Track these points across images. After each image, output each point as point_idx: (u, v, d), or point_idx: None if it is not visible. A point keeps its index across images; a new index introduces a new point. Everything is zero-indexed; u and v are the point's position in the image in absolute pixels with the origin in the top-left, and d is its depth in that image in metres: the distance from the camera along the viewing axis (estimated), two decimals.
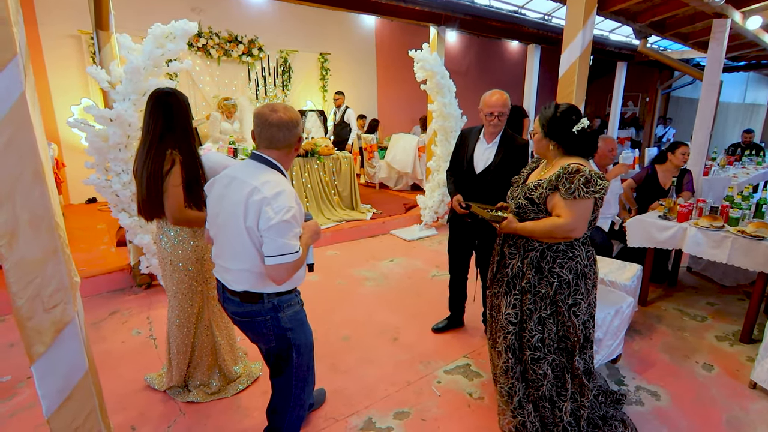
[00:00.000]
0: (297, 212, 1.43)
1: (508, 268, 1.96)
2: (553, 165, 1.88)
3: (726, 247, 2.86)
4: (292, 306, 1.62)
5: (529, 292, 1.88)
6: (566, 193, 1.73)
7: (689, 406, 2.30)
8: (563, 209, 1.75)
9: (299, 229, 1.46)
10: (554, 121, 1.82)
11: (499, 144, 2.49)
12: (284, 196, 1.41)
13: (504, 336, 1.95)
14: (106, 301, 3.43)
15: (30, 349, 1.30)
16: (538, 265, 1.87)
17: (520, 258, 1.92)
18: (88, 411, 1.43)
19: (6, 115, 1.13)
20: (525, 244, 1.91)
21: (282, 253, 1.39)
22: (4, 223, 1.21)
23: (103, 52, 3.24)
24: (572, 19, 2.79)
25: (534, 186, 1.86)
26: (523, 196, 1.89)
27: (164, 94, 1.99)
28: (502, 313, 1.95)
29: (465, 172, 2.57)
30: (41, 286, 1.27)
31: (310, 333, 1.74)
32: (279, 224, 1.38)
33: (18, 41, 1.14)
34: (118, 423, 2.09)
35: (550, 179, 1.79)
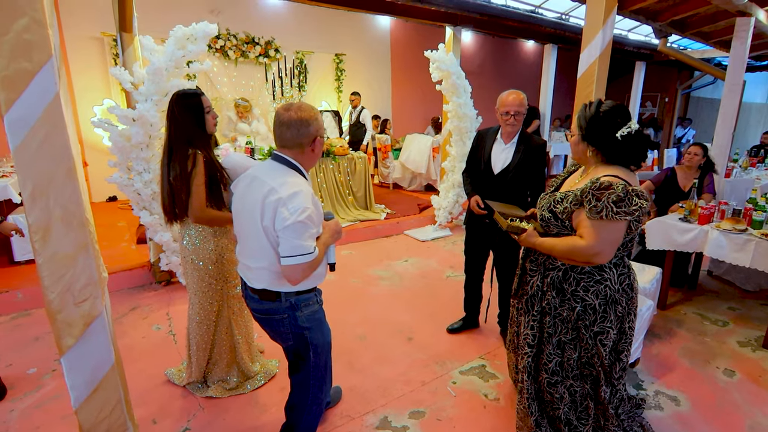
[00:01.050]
0: (313, 213, 1.43)
1: (528, 285, 1.82)
2: (588, 173, 1.67)
3: (749, 250, 2.80)
4: (310, 305, 1.62)
5: (549, 314, 1.72)
6: (592, 212, 1.49)
7: (710, 412, 2.25)
8: (587, 229, 1.52)
9: (316, 230, 1.46)
10: (595, 122, 1.58)
11: (517, 144, 2.48)
12: (300, 197, 1.41)
13: (521, 356, 1.85)
14: (127, 298, 3.51)
15: (60, 341, 1.34)
16: (560, 286, 1.69)
17: (540, 276, 1.75)
18: (114, 403, 1.47)
19: (41, 115, 1.17)
20: (546, 261, 1.73)
21: (297, 254, 1.40)
22: (38, 219, 1.25)
23: (126, 53, 3.32)
24: (592, 18, 2.77)
25: (561, 198, 1.64)
26: (547, 208, 1.69)
27: (185, 95, 2.03)
28: (521, 332, 1.86)
29: (483, 173, 2.57)
30: (72, 281, 1.32)
31: (328, 333, 1.74)
32: (294, 225, 1.38)
33: (53, 43, 1.18)
34: (140, 416, 2.14)
35: (575, 193, 1.57)
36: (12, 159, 1.34)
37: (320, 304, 1.70)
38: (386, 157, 7.37)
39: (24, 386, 2.38)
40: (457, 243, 4.99)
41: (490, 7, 4.89)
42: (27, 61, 1.14)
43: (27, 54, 1.14)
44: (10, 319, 3.13)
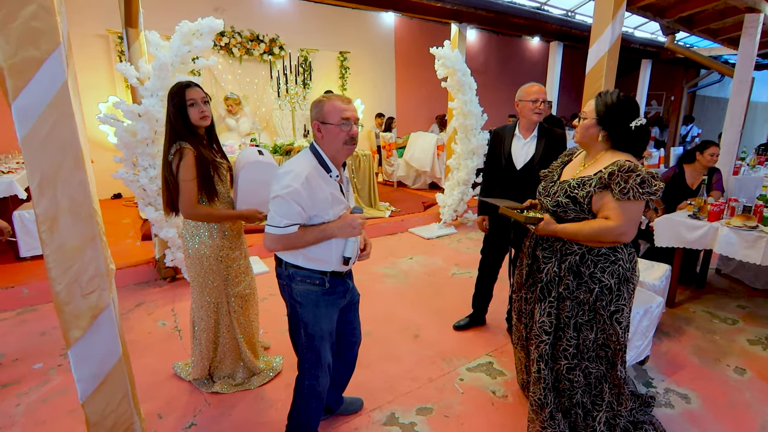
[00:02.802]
0: (299, 193, 1.47)
1: (543, 273, 1.83)
2: (596, 159, 1.74)
3: (760, 247, 2.76)
4: (306, 283, 1.65)
5: (568, 298, 1.76)
6: (620, 193, 1.57)
7: (721, 410, 2.22)
8: (614, 211, 1.60)
9: (298, 208, 1.49)
10: (614, 109, 1.66)
11: (538, 137, 2.46)
12: (289, 175, 1.48)
13: (537, 345, 1.83)
14: (132, 294, 3.51)
15: (67, 333, 1.33)
16: (578, 269, 1.74)
17: (557, 262, 1.79)
18: (121, 396, 1.46)
19: (49, 103, 1.16)
20: (562, 247, 1.78)
21: (269, 224, 1.52)
22: (46, 209, 1.24)
23: (132, 49, 3.32)
24: (601, 12, 2.73)
25: (578, 183, 1.71)
26: (564, 194, 1.74)
27: (171, 88, 2.00)
28: (536, 320, 1.84)
29: (504, 170, 2.53)
30: (79, 272, 1.30)
31: (324, 319, 1.71)
32: (275, 198, 1.49)
33: (61, 30, 1.17)
34: (146, 411, 2.12)
35: (600, 177, 1.63)
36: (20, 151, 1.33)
37: (321, 287, 1.67)
38: (390, 155, 7.35)
39: (30, 381, 2.37)
40: (462, 241, 4.97)
41: (496, 3, 4.86)
42: (35, 48, 1.12)
43: (35, 41, 1.13)
44: (16, 314, 3.13)
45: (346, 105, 1.57)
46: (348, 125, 1.56)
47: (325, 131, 1.56)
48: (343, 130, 1.55)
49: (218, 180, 2.09)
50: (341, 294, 1.74)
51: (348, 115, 1.55)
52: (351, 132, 1.57)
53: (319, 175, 1.55)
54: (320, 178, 1.55)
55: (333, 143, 1.57)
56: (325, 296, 1.69)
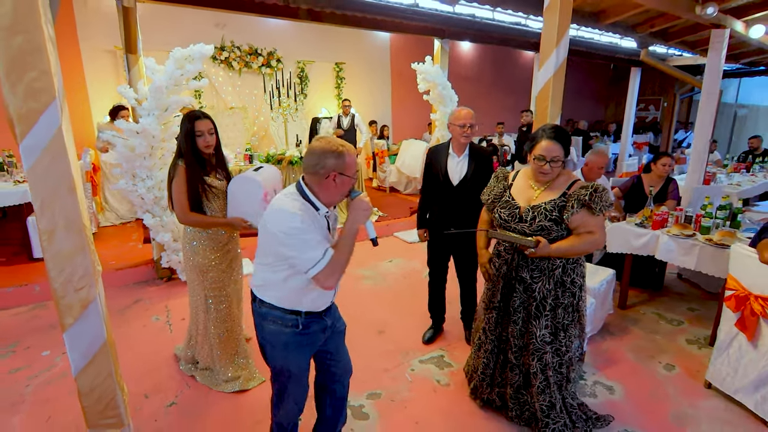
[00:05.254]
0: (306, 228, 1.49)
1: (535, 292, 2.03)
2: (551, 182, 2.02)
3: (694, 254, 3.02)
4: (276, 323, 1.63)
5: (559, 307, 2.03)
6: (598, 210, 1.89)
7: (640, 401, 2.49)
8: (596, 226, 1.92)
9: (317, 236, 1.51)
10: (569, 140, 1.99)
11: (470, 156, 2.73)
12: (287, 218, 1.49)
13: (539, 357, 2.05)
14: (132, 291, 3.89)
15: (62, 320, 1.68)
16: (562, 280, 2.02)
17: (547, 279, 2.02)
18: (106, 373, 1.80)
19: (47, 144, 1.51)
20: (548, 264, 2.01)
21: (310, 268, 1.50)
22: (46, 225, 1.59)
23: (132, 72, 3.70)
24: (546, 39, 3.01)
25: (552, 207, 1.95)
26: (545, 218, 1.95)
27: (187, 116, 2.33)
28: (536, 336, 2.04)
29: (442, 186, 2.76)
30: (72, 273, 1.65)
31: (291, 362, 1.69)
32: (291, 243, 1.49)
33: (56, 86, 1.52)
34: (135, 391, 2.48)
35: (579, 198, 1.90)
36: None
37: (298, 330, 1.65)
38: (383, 161, 7.68)
39: (39, 366, 2.75)
40: None
41: (475, 22, 5.15)
42: (36, 102, 1.47)
43: (36, 97, 1.47)
44: (29, 309, 3.53)
45: (356, 157, 1.62)
46: (356, 176, 1.63)
47: (341, 181, 1.55)
48: (352, 181, 1.59)
49: (206, 201, 2.37)
50: (317, 332, 1.71)
51: (357, 168, 1.64)
52: (353, 181, 1.61)
53: (308, 212, 1.55)
54: (309, 215, 1.55)
55: (341, 192, 1.59)
56: (297, 337, 1.66)
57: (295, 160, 5.28)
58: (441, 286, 3.03)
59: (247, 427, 2.25)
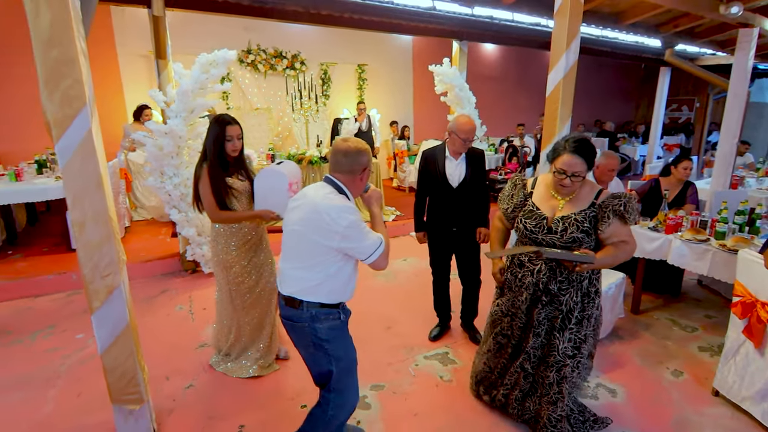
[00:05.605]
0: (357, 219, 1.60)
1: (562, 305, 1.99)
2: (578, 193, 1.98)
3: (707, 259, 2.96)
4: (330, 319, 1.70)
5: (584, 318, 2.01)
6: (632, 219, 1.89)
7: (643, 405, 2.48)
8: (628, 234, 1.92)
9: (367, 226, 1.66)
10: (593, 153, 1.90)
11: (466, 158, 2.77)
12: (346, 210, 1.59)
13: (559, 369, 2.02)
14: (159, 282, 4.15)
15: (91, 304, 1.87)
16: (587, 291, 2.00)
17: (575, 291, 1.98)
18: (128, 353, 1.99)
19: (78, 145, 1.69)
20: (577, 276, 1.97)
21: (372, 252, 1.63)
22: (77, 217, 1.78)
23: (161, 76, 3.95)
24: (557, 42, 3.03)
25: (583, 218, 1.92)
26: (577, 230, 1.90)
27: (216, 120, 2.42)
28: (558, 349, 2.00)
29: (441, 189, 2.79)
30: (99, 260, 1.84)
31: (352, 349, 1.81)
32: (353, 231, 1.59)
33: (87, 94, 1.70)
34: (157, 374, 2.68)
35: (614, 209, 1.88)
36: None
37: (343, 320, 1.76)
38: (402, 162, 7.77)
39: (73, 347, 3.00)
40: None
41: (493, 23, 5.16)
42: (69, 108, 1.66)
43: (70, 103, 1.66)
44: (66, 295, 3.83)
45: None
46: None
47: (366, 176, 1.76)
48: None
49: (232, 199, 2.49)
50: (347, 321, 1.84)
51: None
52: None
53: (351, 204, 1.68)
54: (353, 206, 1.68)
55: (363, 186, 1.77)
56: (344, 325, 1.79)
57: (315, 159, 5.45)
58: (445, 285, 3.10)
59: (257, 408, 2.41)
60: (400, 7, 4.48)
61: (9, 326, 3.28)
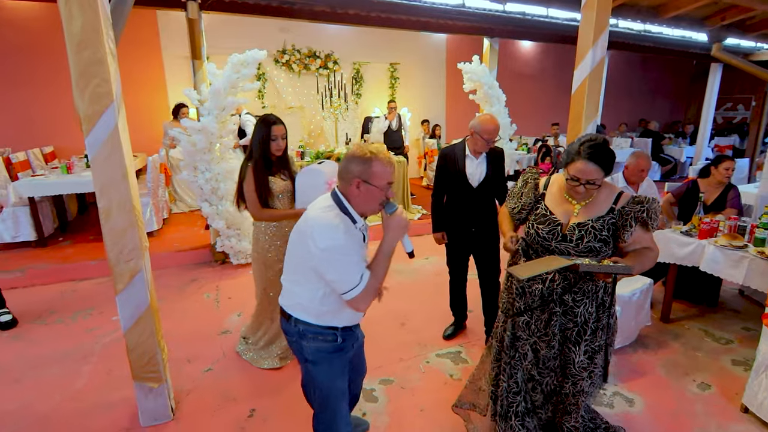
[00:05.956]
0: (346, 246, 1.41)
1: (576, 317, 1.86)
2: (595, 197, 1.81)
3: (743, 267, 2.78)
4: (318, 340, 1.56)
5: (599, 329, 1.87)
6: (654, 225, 1.74)
7: (661, 417, 2.37)
8: (651, 241, 1.78)
9: (356, 257, 1.45)
10: (609, 156, 1.70)
11: (486, 157, 2.73)
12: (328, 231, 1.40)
13: (575, 382, 1.92)
14: (190, 271, 4.38)
15: (116, 286, 2.02)
16: (602, 301, 1.87)
17: (590, 301, 1.85)
18: (149, 333, 2.13)
19: (106, 138, 1.83)
20: (593, 286, 1.84)
21: (347, 290, 1.43)
22: (104, 205, 1.93)
23: (197, 76, 4.16)
24: (583, 37, 2.93)
25: (602, 226, 1.77)
26: (594, 239, 1.77)
27: (262, 120, 2.46)
28: (574, 362, 1.89)
29: (460, 188, 2.75)
30: (123, 246, 1.98)
31: (338, 377, 1.62)
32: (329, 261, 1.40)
33: (114, 92, 1.84)
34: (179, 357, 2.84)
35: (636, 216, 1.73)
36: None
37: (338, 344, 1.58)
38: (432, 161, 7.73)
39: (108, 328, 3.24)
40: None
41: (525, 19, 5.04)
42: (98, 104, 1.80)
43: (98, 100, 1.80)
44: (107, 279, 4.12)
45: (391, 168, 1.49)
46: (389, 188, 1.49)
47: (365, 190, 1.46)
48: (384, 193, 1.47)
49: (275, 198, 2.55)
50: (350, 346, 1.66)
51: (392, 179, 1.49)
52: (389, 194, 1.50)
53: (346, 227, 1.46)
54: (347, 230, 1.46)
55: (369, 203, 1.49)
56: (338, 352, 1.59)
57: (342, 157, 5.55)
58: (462, 285, 3.08)
59: (269, 394, 2.51)
60: (428, 5, 4.48)
61: (54, 306, 3.58)
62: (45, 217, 4.71)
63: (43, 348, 2.99)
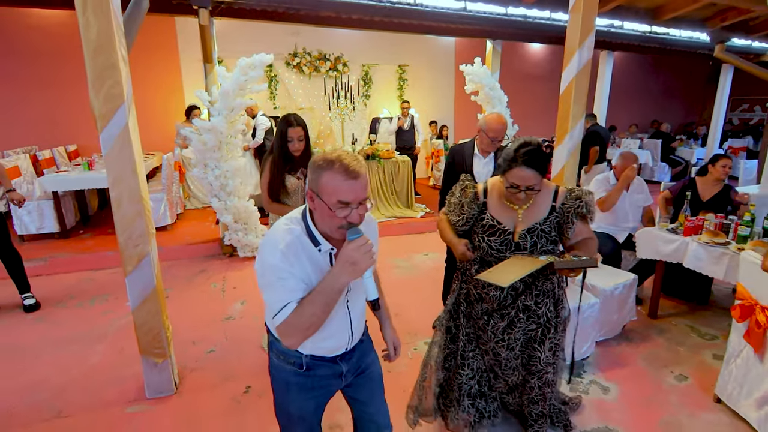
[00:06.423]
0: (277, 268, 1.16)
1: (541, 318, 1.88)
2: (534, 198, 1.82)
3: (724, 263, 2.84)
4: (280, 359, 1.38)
5: (558, 324, 1.92)
6: (592, 216, 1.80)
7: (633, 404, 2.46)
8: (590, 231, 1.84)
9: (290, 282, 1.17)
10: (542, 158, 1.70)
11: (495, 157, 2.78)
12: (266, 249, 1.19)
13: (540, 376, 1.95)
14: (200, 262, 4.63)
15: (125, 268, 2.25)
16: (558, 296, 1.91)
17: (550, 300, 1.89)
18: (155, 312, 2.35)
19: (117, 135, 2.06)
20: (550, 285, 1.87)
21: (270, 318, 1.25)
22: (116, 196, 2.15)
23: (208, 78, 4.41)
24: (570, 40, 3.05)
25: (550, 227, 1.81)
26: (547, 241, 1.80)
27: (283, 120, 2.51)
28: (540, 360, 1.91)
29: None
30: (132, 232, 2.20)
31: (291, 404, 1.40)
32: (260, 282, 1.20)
33: (125, 93, 2.06)
34: (185, 339, 3.07)
35: (577, 212, 1.78)
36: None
37: (301, 371, 1.36)
38: (438, 161, 7.87)
39: (121, 312, 3.49)
40: None
41: (527, 22, 5.15)
42: (111, 104, 2.02)
43: (111, 100, 2.02)
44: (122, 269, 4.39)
45: (351, 181, 1.13)
46: (345, 210, 1.14)
47: (317, 206, 1.18)
48: (337, 215, 1.14)
49: (287, 194, 2.59)
50: (327, 376, 1.40)
51: (348, 199, 1.13)
52: (349, 218, 1.15)
53: (302, 248, 1.20)
54: (302, 251, 1.20)
55: (325, 222, 1.20)
56: (299, 377, 1.37)
57: None
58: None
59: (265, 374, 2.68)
60: (430, 9, 4.63)
61: (73, 292, 3.87)
62: (67, 210, 5.03)
63: (63, 329, 3.26)
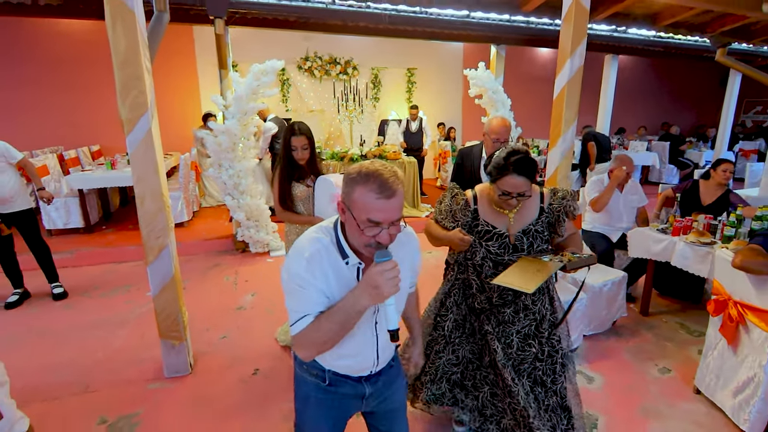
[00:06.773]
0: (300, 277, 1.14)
1: (537, 314, 1.91)
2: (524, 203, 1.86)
3: (708, 262, 2.97)
4: (302, 369, 1.35)
5: (550, 318, 1.95)
6: (574, 214, 1.88)
7: (615, 393, 2.61)
8: (573, 226, 1.95)
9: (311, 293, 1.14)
10: (532, 166, 1.74)
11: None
12: (292, 256, 1.18)
13: (529, 373, 1.94)
14: (214, 257, 4.89)
15: (147, 258, 2.49)
16: (551, 292, 1.96)
17: (546, 297, 1.93)
18: (173, 298, 2.59)
19: (141, 139, 2.30)
20: (544, 282, 1.80)
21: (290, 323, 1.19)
22: (140, 193, 2.40)
23: (223, 83, 4.67)
24: (562, 48, 3.20)
25: (542, 227, 1.87)
26: (543, 241, 1.87)
27: (288, 129, 2.54)
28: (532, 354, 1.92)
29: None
30: (154, 225, 2.45)
31: (310, 419, 1.37)
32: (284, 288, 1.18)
33: (149, 101, 2.30)
34: (199, 327, 3.31)
35: (566, 210, 1.85)
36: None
37: (323, 384, 1.32)
38: (445, 162, 8.04)
39: (142, 301, 3.76)
40: None
41: (530, 28, 5.29)
42: (136, 111, 2.27)
43: (136, 108, 2.27)
44: (143, 262, 4.68)
45: (384, 201, 1.07)
46: (375, 229, 1.09)
47: (348, 219, 1.14)
48: (366, 234, 1.10)
49: (295, 201, 2.61)
50: (348, 395, 1.35)
51: (378, 219, 1.08)
52: (378, 237, 1.10)
53: (328, 259, 1.16)
54: (328, 263, 1.16)
55: (354, 237, 1.15)
56: (320, 392, 1.33)
57: (356, 157, 5.96)
58: None
59: (272, 358, 2.92)
60: (434, 17, 4.82)
61: (98, 283, 4.17)
62: (92, 207, 5.36)
63: (89, 316, 3.54)
